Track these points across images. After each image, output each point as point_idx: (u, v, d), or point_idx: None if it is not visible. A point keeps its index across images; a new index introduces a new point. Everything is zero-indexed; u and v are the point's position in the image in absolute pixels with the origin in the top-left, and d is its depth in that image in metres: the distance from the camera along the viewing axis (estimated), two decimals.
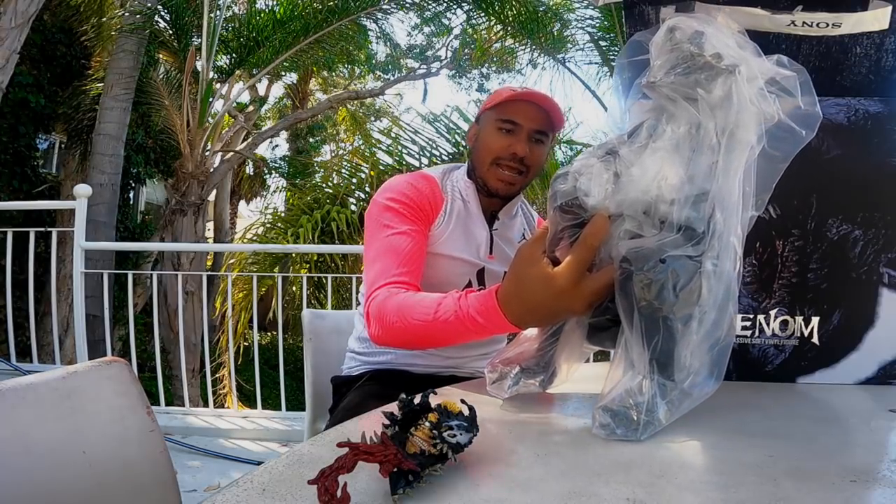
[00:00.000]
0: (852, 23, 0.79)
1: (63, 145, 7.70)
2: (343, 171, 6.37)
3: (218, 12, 6.38)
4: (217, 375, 5.98)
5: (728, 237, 0.57)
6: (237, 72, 6.98)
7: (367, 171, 5.93)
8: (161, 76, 6.81)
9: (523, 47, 7.10)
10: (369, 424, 0.53)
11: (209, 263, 8.93)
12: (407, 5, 7.19)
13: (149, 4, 5.93)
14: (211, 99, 6.47)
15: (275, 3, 7.02)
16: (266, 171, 12.97)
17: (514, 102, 1.13)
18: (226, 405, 5.16)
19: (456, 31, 9.66)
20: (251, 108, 10.64)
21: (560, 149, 6.84)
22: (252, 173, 13.04)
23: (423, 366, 1.16)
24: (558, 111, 1.14)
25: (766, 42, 0.83)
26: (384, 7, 6.89)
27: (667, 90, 0.58)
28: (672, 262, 0.55)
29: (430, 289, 1.12)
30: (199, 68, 6.24)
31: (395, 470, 0.40)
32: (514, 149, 1.11)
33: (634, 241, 0.57)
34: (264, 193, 13.78)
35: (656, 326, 0.56)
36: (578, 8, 6.79)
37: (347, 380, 1.20)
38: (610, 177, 0.59)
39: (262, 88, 11.41)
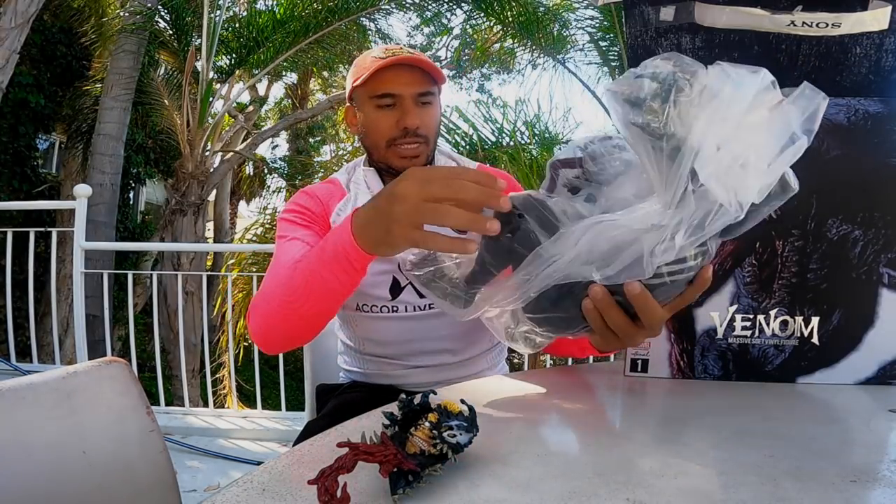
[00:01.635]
0: (852, 23, 0.79)
1: (63, 145, 7.71)
2: None
3: (218, 12, 6.38)
4: (217, 376, 5.99)
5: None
6: (237, 72, 6.97)
7: None
8: (161, 76, 6.81)
9: (523, 47, 7.09)
10: (369, 424, 0.53)
11: (209, 263, 8.92)
12: (407, 5, 7.19)
13: (149, 5, 5.93)
14: (211, 99, 6.47)
15: (275, 3, 7.02)
16: (266, 172, 12.97)
17: (383, 73, 0.99)
18: (226, 405, 5.16)
19: (456, 32, 9.66)
20: (251, 108, 10.64)
21: (560, 149, 6.83)
22: (252, 173, 13.04)
23: (405, 384, 1.08)
24: (432, 65, 1.02)
25: (767, 42, 0.84)
26: (384, 7, 6.89)
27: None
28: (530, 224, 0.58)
29: (354, 296, 1.02)
30: (199, 68, 6.24)
31: (395, 470, 0.40)
32: (403, 123, 0.99)
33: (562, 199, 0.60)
34: (264, 193, 13.78)
35: (502, 250, 0.60)
36: (578, 8, 6.78)
37: (330, 388, 1.17)
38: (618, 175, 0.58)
39: (262, 88, 11.42)
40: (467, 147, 5.67)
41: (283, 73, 10.48)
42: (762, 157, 0.51)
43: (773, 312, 0.76)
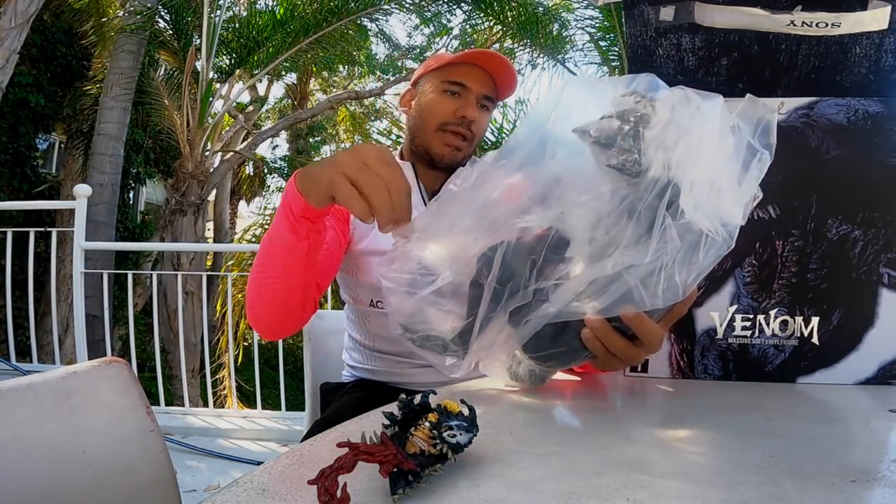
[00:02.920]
0: (851, 22, 0.79)
1: (63, 145, 7.71)
2: None
3: (218, 12, 6.38)
4: (217, 376, 5.99)
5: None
6: (237, 72, 6.97)
7: None
8: (161, 76, 6.81)
9: (523, 47, 7.10)
10: (369, 424, 0.53)
11: (209, 263, 8.92)
12: (407, 6, 7.19)
13: (149, 5, 5.93)
14: (211, 99, 6.47)
15: (275, 3, 7.02)
16: (266, 172, 12.97)
17: (463, 65, 1.05)
18: (226, 405, 5.16)
19: (455, 32, 9.66)
20: (251, 108, 10.63)
21: None
22: (252, 173, 13.04)
23: (412, 383, 1.09)
24: (508, 76, 1.06)
25: (767, 42, 0.84)
26: (384, 7, 6.89)
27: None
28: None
29: (368, 291, 1.07)
30: (199, 68, 6.24)
31: (395, 470, 0.40)
32: (462, 112, 1.03)
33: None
34: (264, 193, 13.78)
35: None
36: (578, 8, 6.79)
37: (334, 387, 1.18)
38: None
39: (262, 88, 11.41)
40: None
41: (283, 73, 10.49)
42: (732, 179, 0.53)
43: (773, 312, 0.76)
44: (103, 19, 6.06)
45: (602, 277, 0.54)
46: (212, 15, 6.20)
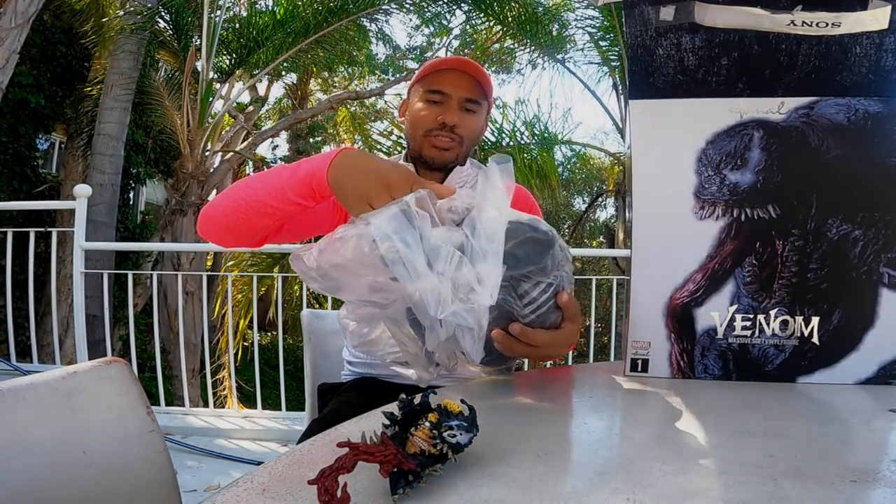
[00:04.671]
0: (851, 22, 0.79)
1: (63, 145, 7.71)
2: None
3: (218, 12, 6.38)
4: (218, 376, 5.99)
5: None
6: (237, 72, 6.97)
7: None
8: (161, 76, 6.81)
9: (522, 48, 7.10)
10: (369, 424, 0.53)
11: (209, 263, 8.93)
12: (407, 6, 7.19)
13: (149, 5, 5.93)
14: (211, 99, 6.47)
15: (275, 3, 7.02)
16: None
17: (441, 73, 1.11)
18: (226, 405, 5.16)
19: (456, 32, 9.65)
20: (251, 108, 10.63)
21: (560, 149, 6.83)
22: (252, 174, 13.02)
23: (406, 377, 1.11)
24: (487, 78, 1.12)
25: (767, 42, 0.84)
26: (384, 8, 6.89)
27: None
28: None
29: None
30: (199, 68, 6.24)
31: (395, 470, 0.40)
32: (443, 118, 1.09)
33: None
34: None
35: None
36: (578, 8, 6.79)
37: (332, 387, 1.18)
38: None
39: (262, 88, 11.40)
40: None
41: (283, 74, 10.48)
42: (472, 276, 0.62)
43: (773, 312, 0.76)
44: (103, 19, 6.05)
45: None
46: (212, 15, 6.19)
